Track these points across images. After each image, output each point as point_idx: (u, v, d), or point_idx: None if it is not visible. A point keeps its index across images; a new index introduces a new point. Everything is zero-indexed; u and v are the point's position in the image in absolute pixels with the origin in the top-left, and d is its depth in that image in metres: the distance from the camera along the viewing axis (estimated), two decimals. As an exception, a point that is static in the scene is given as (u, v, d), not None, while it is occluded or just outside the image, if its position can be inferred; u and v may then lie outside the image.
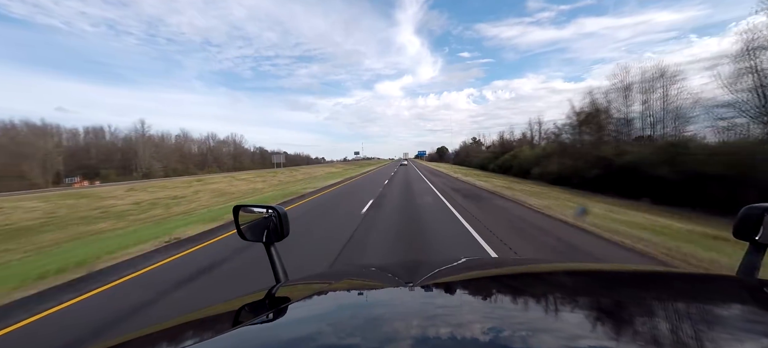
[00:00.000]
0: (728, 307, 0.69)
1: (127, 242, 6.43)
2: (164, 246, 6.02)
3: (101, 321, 3.17)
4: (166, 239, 6.40)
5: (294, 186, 21.91)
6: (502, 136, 66.19)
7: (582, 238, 6.07)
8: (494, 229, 6.75)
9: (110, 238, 8.29)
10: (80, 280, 4.31)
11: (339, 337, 0.57)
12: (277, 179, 34.11)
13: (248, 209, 1.29)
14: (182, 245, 6.18)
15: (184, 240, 6.53)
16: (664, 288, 0.83)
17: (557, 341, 0.50)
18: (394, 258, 4.86)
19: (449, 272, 1.09)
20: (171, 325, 0.71)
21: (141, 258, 5.32)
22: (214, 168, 66.26)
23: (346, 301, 0.87)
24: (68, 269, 4.64)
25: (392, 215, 8.47)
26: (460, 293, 0.85)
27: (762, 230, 0.85)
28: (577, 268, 1.13)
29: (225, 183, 30.01)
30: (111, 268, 4.79)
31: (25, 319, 3.30)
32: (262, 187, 26.67)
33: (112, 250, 5.75)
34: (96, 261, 5.02)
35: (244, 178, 34.03)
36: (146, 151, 56.63)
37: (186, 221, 9.37)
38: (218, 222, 8.25)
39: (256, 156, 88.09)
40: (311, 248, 5.47)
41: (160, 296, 3.73)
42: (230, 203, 14.49)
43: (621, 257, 4.99)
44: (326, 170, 51.00)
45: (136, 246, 5.96)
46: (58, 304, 3.63)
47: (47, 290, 3.97)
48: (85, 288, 4.07)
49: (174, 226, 8.28)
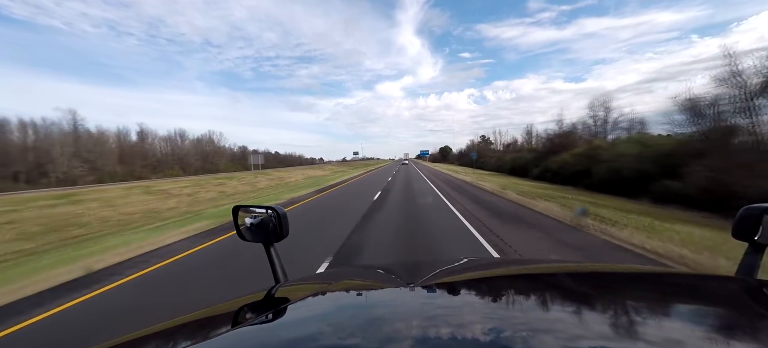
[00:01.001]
0: (727, 307, 0.68)
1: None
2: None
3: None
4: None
5: (222, 205, 13.85)
6: (556, 129, 41.05)
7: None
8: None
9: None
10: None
11: (339, 338, 0.56)
12: (216, 190, 22.20)
13: (248, 210, 1.28)
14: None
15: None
16: (664, 288, 0.83)
17: (558, 342, 0.50)
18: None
19: (450, 272, 1.09)
20: (170, 325, 0.70)
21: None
22: (176, 171, 53.01)
23: (346, 301, 0.86)
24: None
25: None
26: (460, 293, 0.85)
27: (761, 230, 0.84)
28: (577, 269, 1.12)
29: (118, 195, 18.21)
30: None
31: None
32: (161, 209, 14.86)
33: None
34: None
35: (165, 189, 21.66)
36: (65, 150, 41.01)
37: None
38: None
39: (238, 156, 77.30)
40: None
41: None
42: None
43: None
44: (312, 173, 41.32)
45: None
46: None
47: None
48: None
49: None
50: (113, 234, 9.13)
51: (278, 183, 27.91)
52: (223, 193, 21.40)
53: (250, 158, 51.31)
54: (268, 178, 33.01)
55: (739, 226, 0.88)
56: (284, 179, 31.29)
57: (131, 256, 5.86)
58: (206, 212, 11.91)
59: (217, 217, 9.77)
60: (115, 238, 8.17)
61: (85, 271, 4.96)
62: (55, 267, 5.33)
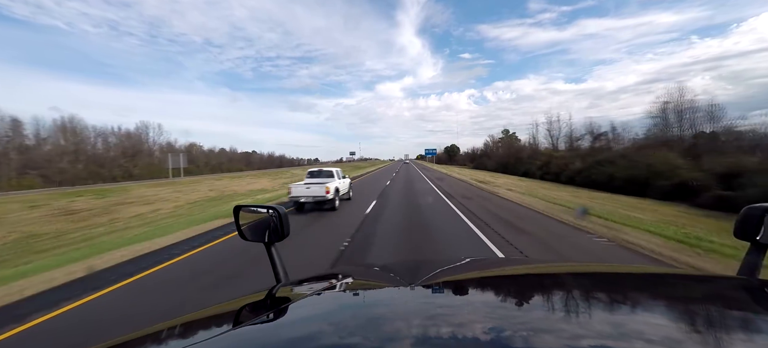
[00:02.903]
0: (729, 307, 0.68)
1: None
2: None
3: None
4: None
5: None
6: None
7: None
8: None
9: None
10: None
11: (340, 337, 0.56)
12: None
13: (249, 209, 1.28)
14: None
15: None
16: (665, 288, 0.83)
17: (558, 341, 0.50)
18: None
19: (451, 272, 1.08)
20: (171, 324, 0.70)
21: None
22: (32, 180, 33.06)
23: (347, 300, 0.85)
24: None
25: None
26: (461, 293, 0.85)
27: (763, 230, 0.84)
28: (577, 269, 1.11)
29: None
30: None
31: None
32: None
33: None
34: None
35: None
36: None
37: None
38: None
39: (226, 157, 63.64)
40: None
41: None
42: None
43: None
44: (259, 184, 27.16)
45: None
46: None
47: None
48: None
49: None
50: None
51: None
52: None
53: (169, 160, 35.65)
54: (177, 191, 20.35)
55: (741, 226, 0.88)
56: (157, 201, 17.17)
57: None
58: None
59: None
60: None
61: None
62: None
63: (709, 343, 0.51)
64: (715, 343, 0.51)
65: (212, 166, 63.38)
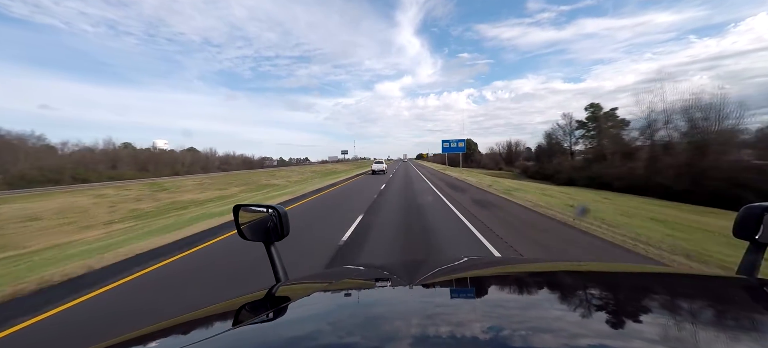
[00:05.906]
0: (728, 306, 0.68)
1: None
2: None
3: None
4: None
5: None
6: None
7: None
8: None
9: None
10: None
11: (339, 336, 0.57)
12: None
13: (248, 208, 1.28)
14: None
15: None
16: (664, 288, 0.82)
17: (557, 340, 0.50)
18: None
19: (449, 272, 1.08)
20: (171, 324, 0.71)
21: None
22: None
23: (346, 300, 0.85)
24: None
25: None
26: (459, 292, 0.85)
27: (762, 229, 0.83)
28: (576, 268, 1.11)
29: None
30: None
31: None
32: None
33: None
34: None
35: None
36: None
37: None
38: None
39: (88, 159, 42.99)
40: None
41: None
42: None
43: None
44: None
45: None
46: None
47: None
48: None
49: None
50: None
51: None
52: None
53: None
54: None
55: (740, 225, 0.88)
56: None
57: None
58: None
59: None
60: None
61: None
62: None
63: (708, 342, 0.51)
64: (714, 343, 0.51)
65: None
